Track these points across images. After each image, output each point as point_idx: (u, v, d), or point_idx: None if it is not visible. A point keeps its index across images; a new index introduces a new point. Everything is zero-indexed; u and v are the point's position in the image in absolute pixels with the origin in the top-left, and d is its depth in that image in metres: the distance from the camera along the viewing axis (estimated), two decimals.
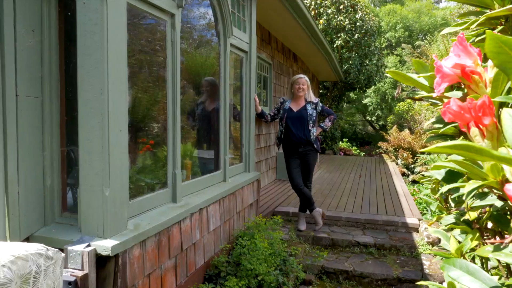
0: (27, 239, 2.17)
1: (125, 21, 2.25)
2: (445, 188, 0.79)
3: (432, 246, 4.64)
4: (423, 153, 11.07)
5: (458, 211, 1.00)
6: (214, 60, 3.84)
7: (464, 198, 0.69)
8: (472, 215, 0.82)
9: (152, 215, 2.64)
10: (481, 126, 0.62)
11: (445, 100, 0.76)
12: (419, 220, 5.37)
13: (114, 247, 2.09)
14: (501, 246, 0.68)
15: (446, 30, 0.99)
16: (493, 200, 0.71)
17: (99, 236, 2.15)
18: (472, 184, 0.63)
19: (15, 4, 2.03)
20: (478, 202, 0.74)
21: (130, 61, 2.45)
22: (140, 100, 2.76)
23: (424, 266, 4.10)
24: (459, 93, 0.82)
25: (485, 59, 0.81)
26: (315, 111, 4.86)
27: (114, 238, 2.16)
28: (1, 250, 1.48)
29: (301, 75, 4.99)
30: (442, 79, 0.75)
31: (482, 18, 0.81)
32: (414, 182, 10.28)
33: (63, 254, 1.79)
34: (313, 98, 4.94)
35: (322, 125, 4.99)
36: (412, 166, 11.31)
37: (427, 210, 6.80)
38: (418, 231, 5.14)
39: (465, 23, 0.93)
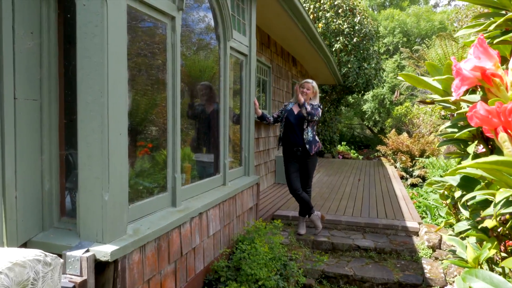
0: (24, 245, 2.14)
1: (125, 23, 2.23)
2: (466, 197, 0.76)
3: (433, 250, 4.62)
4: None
5: (471, 218, 0.98)
6: (214, 63, 3.82)
7: (492, 206, 0.66)
8: (490, 223, 0.79)
9: (152, 219, 2.60)
10: (510, 131, 0.60)
11: (462, 103, 0.74)
12: (419, 223, 5.34)
13: (113, 253, 2.06)
14: None
15: (461, 32, 0.97)
16: None
17: (98, 241, 2.11)
18: (504, 193, 0.60)
19: (13, 6, 2.01)
20: (503, 210, 0.71)
21: (130, 63, 2.42)
22: (140, 103, 2.73)
23: (425, 270, 4.07)
24: (477, 97, 0.80)
25: (503, 61, 0.79)
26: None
27: (113, 243, 2.13)
28: None
29: (309, 80, 4.90)
30: (461, 82, 0.72)
31: (502, 19, 0.78)
32: (413, 185, 10.27)
33: (61, 260, 1.75)
34: (316, 103, 4.85)
35: (305, 104, 4.59)
36: (411, 169, 11.31)
37: (426, 214, 6.78)
38: (418, 235, 5.11)
39: (477, 25, 0.90)
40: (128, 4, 2.32)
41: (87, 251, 2.04)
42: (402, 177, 10.97)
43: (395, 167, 12.13)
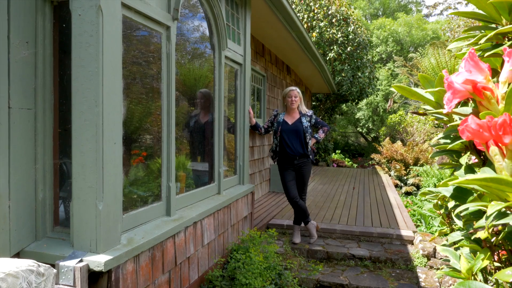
0: (17, 255, 2.12)
1: (120, 33, 2.24)
2: (462, 208, 0.77)
3: (428, 258, 4.63)
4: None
5: (465, 228, 0.99)
6: (209, 72, 3.83)
7: (484, 219, 0.67)
8: (483, 234, 0.80)
9: (146, 229, 2.59)
10: (500, 145, 0.61)
11: (454, 116, 0.75)
12: (414, 232, 5.35)
13: (107, 263, 2.04)
14: None
15: (453, 45, 0.98)
16: (510, 219, 0.69)
17: (92, 251, 2.10)
18: (495, 206, 0.61)
19: (9, 15, 2.01)
20: (495, 222, 0.72)
21: (125, 72, 2.43)
22: (135, 112, 2.74)
23: (420, 279, 4.07)
24: (469, 109, 0.81)
25: (494, 74, 0.80)
26: (309, 124, 4.85)
27: (107, 253, 2.11)
28: None
29: (293, 88, 4.94)
30: (453, 95, 0.73)
31: (492, 33, 0.80)
32: (408, 193, 10.30)
33: (54, 270, 1.74)
34: (306, 110, 4.93)
35: (316, 136, 4.94)
36: (405, 177, 11.35)
37: (421, 222, 6.80)
38: (413, 244, 5.12)
39: (470, 37, 0.92)
40: (123, 14, 2.33)
41: (81, 261, 2.03)
42: (396, 186, 11.01)
43: (390, 175, 12.17)
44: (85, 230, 2.11)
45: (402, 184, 11.14)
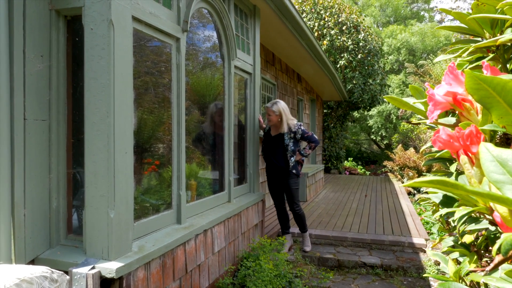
0: (32, 262, 2.18)
1: (131, 46, 2.31)
2: (443, 211, 0.80)
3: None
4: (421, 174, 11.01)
5: (457, 234, 1.01)
6: (219, 81, 3.90)
7: (455, 223, 0.70)
8: (468, 239, 0.82)
9: (157, 236, 2.64)
10: (470, 154, 0.64)
11: (439, 126, 0.78)
12: (426, 240, 5.31)
13: (118, 269, 2.09)
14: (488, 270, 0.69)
15: (440, 58, 1.02)
16: (486, 224, 0.72)
17: (104, 258, 2.15)
18: (462, 210, 0.64)
19: (25, 31, 2.09)
20: (473, 226, 0.75)
21: (136, 83, 2.50)
22: (146, 122, 2.80)
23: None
24: (453, 119, 0.84)
25: None
26: (293, 140, 4.64)
27: (118, 260, 2.16)
28: (6, 273, 1.49)
29: (268, 104, 4.64)
30: (434, 107, 0.77)
31: (471, 48, 0.83)
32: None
33: (67, 277, 1.80)
34: (292, 125, 4.64)
35: (302, 152, 4.72)
36: None
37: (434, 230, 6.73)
38: (425, 252, 5.07)
39: (457, 50, 0.95)
40: (134, 27, 2.41)
41: (93, 268, 2.08)
42: (409, 193, 10.90)
43: (402, 182, 12.07)
44: (97, 238, 2.17)
45: (415, 192, 11.03)
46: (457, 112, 0.76)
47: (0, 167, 2.00)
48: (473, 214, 0.74)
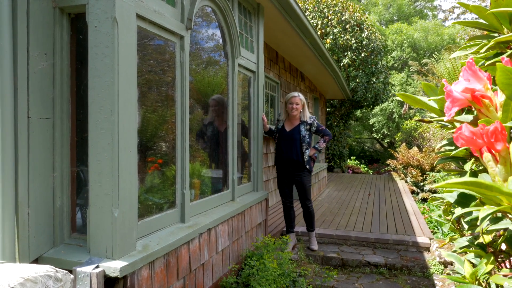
0: (36, 261, 2.17)
1: (135, 44, 2.30)
2: (459, 212, 0.78)
3: (444, 266, 4.56)
4: (432, 178, 10.99)
5: (471, 234, 0.99)
6: (222, 80, 3.88)
7: (478, 222, 0.68)
8: (486, 239, 0.80)
9: (161, 235, 2.63)
10: (493, 152, 0.62)
11: (456, 123, 0.76)
12: (430, 239, 5.28)
13: (122, 268, 2.08)
14: None
15: (456, 54, 0.99)
16: (507, 224, 0.70)
17: (108, 257, 2.14)
18: (487, 210, 0.61)
19: (28, 29, 2.08)
20: (492, 226, 0.73)
21: (140, 81, 2.48)
22: (149, 120, 2.79)
23: (437, 287, 4.01)
24: (470, 117, 0.82)
25: (494, 82, 0.81)
26: (308, 132, 4.69)
27: (122, 259, 2.15)
28: (11, 272, 1.48)
29: (295, 93, 4.73)
30: (452, 104, 0.75)
31: (492, 43, 0.81)
32: (424, 200, 10.16)
33: (72, 276, 1.78)
34: (309, 117, 4.73)
35: (316, 146, 4.74)
36: (422, 184, 11.21)
37: (438, 229, 6.70)
38: (429, 251, 5.05)
39: (474, 46, 0.93)
40: (138, 25, 2.39)
41: (97, 267, 2.07)
42: (412, 192, 10.87)
43: (406, 181, 12.03)
44: (101, 237, 2.16)
45: (418, 190, 11.00)
46: (473, 109, 0.74)
47: (4, 166, 1.99)
48: (495, 214, 0.72)
